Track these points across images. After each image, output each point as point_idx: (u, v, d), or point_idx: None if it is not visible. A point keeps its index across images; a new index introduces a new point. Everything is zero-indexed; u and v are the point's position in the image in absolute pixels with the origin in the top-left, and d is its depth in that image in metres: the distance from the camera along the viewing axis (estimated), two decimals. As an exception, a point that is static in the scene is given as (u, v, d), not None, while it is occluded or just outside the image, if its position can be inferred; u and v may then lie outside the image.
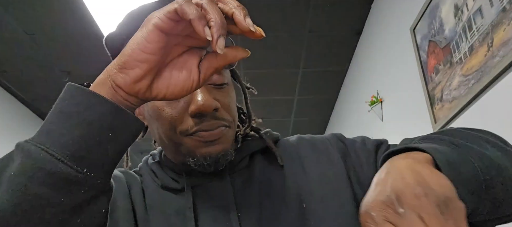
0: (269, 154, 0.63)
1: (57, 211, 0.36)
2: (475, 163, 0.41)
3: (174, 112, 0.53)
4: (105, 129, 0.38)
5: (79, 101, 0.38)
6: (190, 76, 0.42)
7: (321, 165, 0.61)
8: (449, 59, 1.54)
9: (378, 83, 2.51)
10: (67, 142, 0.37)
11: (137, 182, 0.61)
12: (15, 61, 3.06)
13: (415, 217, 0.32)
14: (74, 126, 0.37)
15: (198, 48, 0.43)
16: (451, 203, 0.34)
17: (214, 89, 0.55)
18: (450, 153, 0.42)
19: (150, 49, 0.38)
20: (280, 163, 0.61)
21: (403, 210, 0.33)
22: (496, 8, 1.24)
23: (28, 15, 2.56)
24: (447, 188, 0.35)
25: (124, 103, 0.41)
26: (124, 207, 0.56)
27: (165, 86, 0.41)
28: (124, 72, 0.39)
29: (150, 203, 0.58)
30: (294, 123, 4.32)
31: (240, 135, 0.65)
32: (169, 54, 0.41)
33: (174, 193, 0.59)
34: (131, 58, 0.38)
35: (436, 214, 0.33)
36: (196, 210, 0.56)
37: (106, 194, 0.41)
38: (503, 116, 1.24)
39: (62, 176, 0.36)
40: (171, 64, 0.42)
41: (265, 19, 2.68)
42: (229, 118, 0.56)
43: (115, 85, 0.40)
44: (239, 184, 0.59)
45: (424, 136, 0.51)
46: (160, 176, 0.61)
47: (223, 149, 0.55)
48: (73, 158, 0.37)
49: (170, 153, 0.60)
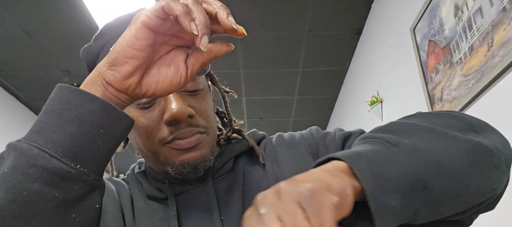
0: (254, 154, 0.64)
1: (52, 206, 0.37)
2: (408, 162, 0.39)
3: (149, 122, 0.53)
4: (96, 126, 0.39)
5: (69, 99, 0.39)
6: (178, 72, 0.43)
7: (295, 161, 0.61)
8: (449, 59, 1.54)
9: (378, 83, 2.51)
10: (59, 139, 0.37)
11: (125, 189, 0.62)
12: (15, 61, 3.05)
13: (273, 217, 0.32)
14: (65, 123, 0.38)
15: (184, 47, 0.44)
16: (316, 196, 0.33)
17: (189, 96, 0.55)
18: (378, 155, 0.39)
19: (139, 46, 0.39)
20: (262, 161, 0.61)
21: (264, 211, 0.33)
22: (496, 8, 1.24)
23: (28, 15, 2.56)
24: (316, 181, 0.34)
25: (115, 100, 0.42)
26: (113, 213, 0.57)
27: (154, 82, 0.42)
28: (113, 69, 0.40)
29: (138, 211, 0.59)
30: (294, 123, 4.32)
31: (222, 138, 0.65)
32: (157, 52, 0.42)
33: (158, 202, 0.59)
34: (120, 55, 0.39)
35: (294, 212, 0.32)
36: (180, 218, 0.57)
37: (99, 189, 0.41)
38: (503, 115, 1.24)
39: (56, 172, 0.36)
40: (159, 62, 0.43)
41: (265, 19, 2.68)
42: (205, 123, 0.56)
43: (105, 82, 0.41)
44: (223, 188, 0.59)
45: (363, 135, 0.48)
46: (145, 185, 0.61)
47: (201, 155, 0.55)
48: (66, 154, 0.37)
49: (151, 162, 0.60)
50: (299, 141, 0.64)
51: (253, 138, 0.66)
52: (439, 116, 0.49)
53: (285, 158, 0.62)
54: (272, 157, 0.63)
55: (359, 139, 0.48)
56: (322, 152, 0.61)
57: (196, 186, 0.59)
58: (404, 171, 0.38)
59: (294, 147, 0.64)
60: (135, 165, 0.68)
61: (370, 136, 0.45)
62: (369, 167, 0.37)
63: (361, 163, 0.37)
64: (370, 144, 0.43)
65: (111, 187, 0.61)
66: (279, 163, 0.62)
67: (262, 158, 0.62)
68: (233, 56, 3.03)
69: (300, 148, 0.63)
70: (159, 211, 0.58)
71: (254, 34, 2.83)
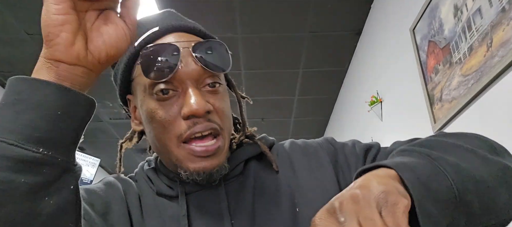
0: (264, 159, 0.64)
1: (21, 192, 0.37)
2: (449, 176, 0.41)
3: (166, 115, 0.54)
4: (53, 109, 0.39)
5: (21, 89, 0.39)
6: (118, 26, 0.43)
7: (312, 169, 0.61)
8: (449, 59, 1.55)
9: (378, 83, 2.52)
10: (17, 127, 0.37)
11: (133, 187, 0.62)
12: (18, 62, 3.06)
13: (354, 224, 0.32)
14: (20, 111, 0.38)
15: (109, 10, 0.44)
16: (390, 198, 0.34)
17: (208, 93, 0.55)
18: (421, 167, 0.41)
19: (63, 10, 0.39)
20: (275, 168, 0.62)
21: (343, 218, 0.33)
22: (495, 9, 1.25)
23: (30, 17, 2.56)
24: (387, 185, 0.35)
25: (71, 78, 0.41)
26: (120, 211, 0.57)
27: (101, 43, 0.43)
28: (54, 44, 0.40)
29: (146, 209, 0.59)
30: (294, 123, 4.32)
31: (235, 143, 0.66)
32: (87, 20, 0.43)
33: (169, 200, 0.59)
34: (51, 27, 0.39)
35: (372, 216, 0.33)
36: (190, 217, 0.57)
37: (72, 171, 0.41)
38: (503, 116, 1.24)
39: (19, 158, 0.37)
40: (95, 26, 0.43)
41: (266, 20, 2.69)
42: (221, 122, 0.56)
43: (53, 61, 0.40)
44: (233, 191, 0.59)
45: (401, 148, 0.50)
46: (156, 182, 0.61)
47: (218, 163, 0.55)
48: (26, 140, 0.37)
49: (164, 158, 0.60)
50: (316, 148, 0.65)
51: (265, 143, 0.66)
52: (466, 137, 0.52)
53: (301, 166, 0.62)
54: (286, 163, 0.63)
55: (399, 150, 0.49)
56: (342, 162, 0.62)
57: (206, 187, 0.59)
58: (445, 185, 0.40)
59: (310, 154, 0.64)
60: (144, 162, 0.67)
61: (411, 149, 0.47)
62: (416, 177, 0.39)
63: (409, 173, 0.39)
64: (413, 156, 0.44)
65: (118, 185, 0.61)
66: (295, 169, 0.62)
67: (276, 165, 0.62)
68: (234, 56, 3.01)
69: (319, 157, 0.63)
70: (169, 209, 0.58)
71: (255, 35, 2.84)
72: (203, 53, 0.54)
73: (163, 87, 0.53)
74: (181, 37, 0.56)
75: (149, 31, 0.56)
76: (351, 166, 0.61)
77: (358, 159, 0.61)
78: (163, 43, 0.53)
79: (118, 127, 4.21)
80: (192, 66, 0.53)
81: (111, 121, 4.14)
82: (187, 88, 0.53)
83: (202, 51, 0.54)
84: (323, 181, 0.60)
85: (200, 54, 0.53)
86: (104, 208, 0.56)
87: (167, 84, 0.53)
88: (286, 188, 0.60)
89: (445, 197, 0.39)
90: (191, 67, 0.53)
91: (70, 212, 0.41)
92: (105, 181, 0.62)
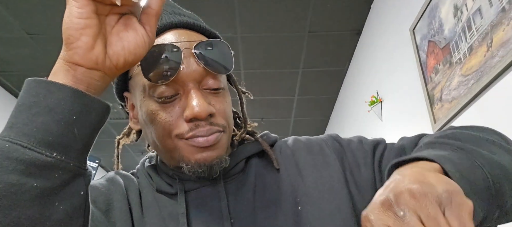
0: (266, 157, 0.63)
1: (31, 196, 0.36)
2: (484, 169, 0.40)
3: (168, 117, 0.53)
4: (68, 113, 0.39)
5: (37, 91, 0.39)
6: (138, 33, 0.43)
7: (317, 167, 0.60)
8: (449, 60, 1.55)
9: (377, 83, 2.52)
10: (31, 130, 0.37)
11: (134, 184, 0.61)
12: (17, 62, 3.06)
13: (415, 220, 0.31)
14: (35, 114, 0.38)
15: (130, 14, 0.44)
16: (456, 198, 0.32)
17: (210, 95, 0.54)
18: (458, 160, 0.40)
19: (85, 14, 0.39)
20: (276, 166, 0.61)
21: (402, 213, 0.31)
22: (495, 8, 1.25)
23: (30, 16, 2.56)
24: (451, 184, 0.33)
25: (88, 81, 0.41)
26: (121, 207, 0.56)
27: (120, 48, 0.42)
28: (74, 47, 0.40)
29: (146, 205, 0.58)
30: (294, 123, 4.32)
31: (236, 140, 0.65)
32: (107, 24, 0.43)
33: (168, 197, 0.59)
34: (72, 30, 0.39)
35: (436, 215, 0.31)
36: (189, 215, 0.56)
37: (83, 176, 0.41)
38: (503, 116, 1.24)
39: (32, 162, 0.36)
40: (115, 31, 0.43)
41: (265, 20, 2.69)
42: (224, 123, 0.55)
43: (71, 64, 0.40)
44: (233, 189, 0.59)
45: (428, 141, 0.48)
46: (155, 179, 0.61)
47: (218, 155, 0.54)
48: (40, 144, 0.37)
49: (164, 158, 0.60)
50: (321, 145, 0.64)
51: (267, 140, 0.65)
52: (482, 130, 0.53)
53: (306, 164, 0.61)
54: (289, 161, 0.62)
55: (428, 143, 0.48)
56: (350, 158, 0.61)
57: (206, 184, 0.58)
58: (482, 177, 0.40)
59: (315, 151, 0.63)
60: (145, 158, 0.67)
61: (442, 142, 0.47)
62: (458, 170, 0.39)
63: (451, 166, 0.39)
64: (446, 150, 0.44)
65: (119, 181, 0.60)
66: (300, 167, 0.61)
67: (277, 162, 0.61)
68: (234, 56, 3.03)
69: (325, 154, 0.62)
70: (168, 206, 0.58)
71: (254, 35, 2.84)
72: (205, 53, 0.53)
73: (165, 91, 0.52)
74: (182, 35, 0.55)
75: None
76: (359, 163, 0.60)
77: (366, 155, 0.60)
78: (164, 44, 0.52)
79: (118, 127, 4.21)
80: (193, 67, 0.52)
81: (111, 120, 4.14)
82: (189, 90, 0.52)
83: (204, 50, 0.53)
84: (330, 179, 0.59)
85: (202, 54, 0.52)
86: (106, 205, 0.56)
87: (168, 86, 0.52)
88: (288, 186, 0.59)
89: (482, 190, 0.39)
90: (192, 68, 0.52)
91: (79, 218, 0.41)
92: (107, 177, 0.62)
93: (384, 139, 0.63)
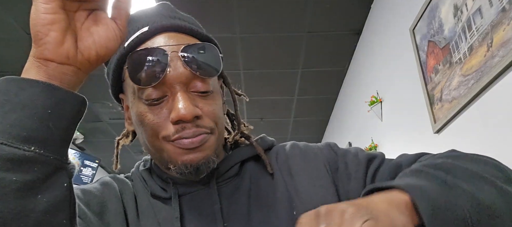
0: (261, 161, 0.63)
1: (12, 189, 0.36)
2: (465, 208, 0.39)
3: (156, 118, 0.53)
4: (41, 108, 0.39)
5: (8, 89, 0.39)
6: (109, 27, 0.43)
7: (310, 174, 0.60)
8: (449, 59, 1.55)
9: (377, 83, 2.51)
10: (5, 127, 0.37)
11: (129, 187, 0.61)
12: (17, 62, 3.06)
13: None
14: (8, 111, 0.38)
15: (99, 10, 0.44)
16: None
17: (198, 97, 0.54)
18: (438, 195, 0.39)
19: (51, 9, 0.39)
20: (270, 170, 0.61)
21: (324, 225, 0.32)
22: (495, 8, 1.24)
23: (27, 14, 2.55)
24: (382, 215, 0.33)
25: (60, 77, 0.41)
26: (116, 210, 0.56)
27: (91, 42, 0.42)
28: (42, 43, 0.40)
29: (142, 209, 0.58)
30: (293, 123, 4.32)
31: (229, 142, 0.65)
32: (77, 20, 0.42)
33: (162, 202, 0.59)
34: (40, 26, 0.40)
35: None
36: (183, 219, 0.56)
37: (64, 169, 0.41)
38: (503, 115, 1.24)
39: (9, 157, 0.36)
40: (85, 26, 0.43)
41: (265, 20, 2.69)
42: (212, 125, 0.55)
43: (42, 60, 0.40)
44: (227, 192, 0.59)
45: (416, 168, 0.47)
46: (149, 183, 0.61)
47: (204, 156, 0.54)
48: (16, 139, 0.37)
49: (155, 159, 0.60)
50: (316, 154, 0.63)
51: (262, 144, 0.65)
52: (483, 163, 0.48)
53: (299, 170, 0.61)
54: (284, 166, 0.62)
55: (412, 170, 0.47)
56: (342, 170, 0.60)
57: (200, 188, 0.59)
58: (461, 216, 0.38)
59: (310, 160, 0.63)
60: (140, 162, 0.67)
61: (426, 171, 0.44)
62: (431, 206, 0.37)
63: (425, 201, 0.37)
64: (428, 180, 0.42)
65: (114, 185, 0.61)
66: (293, 174, 0.61)
67: (270, 167, 0.61)
68: (233, 56, 3.03)
69: (317, 162, 0.62)
70: (163, 211, 0.58)
71: (254, 35, 2.84)
72: (192, 56, 0.53)
73: (152, 93, 0.52)
74: (171, 38, 0.55)
75: (138, 32, 0.55)
76: (350, 175, 0.59)
77: (359, 169, 0.59)
78: (151, 48, 0.52)
79: (118, 127, 4.20)
80: (180, 70, 0.52)
81: (110, 121, 4.13)
82: (176, 93, 0.52)
83: (191, 53, 0.53)
84: (321, 187, 0.59)
85: (189, 57, 0.52)
86: (100, 207, 0.56)
87: (156, 88, 0.52)
88: (283, 191, 0.59)
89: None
90: (179, 71, 0.52)
91: (64, 210, 0.40)
92: (101, 181, 0.62)
93: (383, 153, 0.62)
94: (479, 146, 1.36)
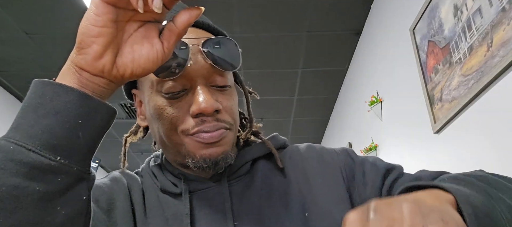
0: (273, 160, 0.63)
1: (33, 199, 0.36)
2: (505, 217, 0.38)
3: (175, 112, 0.53)
4: (73, 117, 0.38)
5: (44, 93, 0.39)
6: (153, 48, 0.42)
7: (326, 178, 0.60)
8: (449, 59, 1.55)
9: (377, 83, 2.51)
10: (36, 132, 0.37)
11: (138, 183, 0.61)
12: (16, 62, 3.06)
13: (384, 223, 0.29)
14: (41, 116, 0.38)
15: (154, 22, 0.43)
16: (445, 217, 0.30)
17: (217, 92, 0.54)
18: (480, 202, 0.38)
19: (101, 22, 0.38)
20: (280, 165, 0.60)
21: (373, 216, 0.30)
22: (495, 8, 1.24)
23: (29, 16, 2.56)
24: (442, 211, 0.31)
25: (92, 87, 0.41)
26: (123, 207, 0.56)
27: (130, 60, 0.41)
28: (83, 53, 0.39)
29: (150, 205, 0.58)
30: (293, 123, 4.32)
31: (241, 139, 0.64)
32: (125, 31, 0.42)
33: (172, 197, 0.59)
34: (85, 36, 0.39)
35: (411, 218, 0.29)
36: (193, 216, 0.56)
37: (86, 180, 0.41)
38: (503, 115, 1.24)
39: (35, 165, 0.36)
40: (131, 40, 0.42)
41: (265, 20, 2.69)
42: (230, 120, 0.56)
43: (78, 69, 0.40)
44: (238, 190, 0.58)
45: (453, 176, 0.46)
46: (160, 178, 0.60)
47: (223, 151, 0.55)
48: (44, 147, 0.37)
49: (170, 154, 0.60)
50: (333, 159, 0.63)
51: (274, 143, 0.65)
52: (505, 178, 0.48)
53: (315, 173, 0.61)
54: (298, 167, 0.62)
55: (452, 177, 0.46)
56: (359, 178, 0.60)
57: (211, 186, 0.58)
58: (500, 222, 0.38)
59: (326, 164, 0.62)
60: (151, 158, 0.67)
61: (468, 180, 0.43)
62: (472, 210, 0.36)
63: (468, 206, 0.36)
64: (470, 188, 0.41)
65: (123, 180, 0.60)
66: (308, 176, 0.60)
67: (280, 162, 0.61)
68: (233, 56, 3.02)
69: (334, 168, 0.61)
70: (172, 206, 0.57)
71: (253, 34, 2.84)
72: (213, 50, 0.53)
73: (172, 86, 0.52)
74: (191, 32, 0.55)
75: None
76: (367, 184, 0.58)
77: (376, 178, 0.58)
78: None
79: (117, 127, 4.20)
80: (201, 63, 0.52)
81: (110, 120, 4.13)
82: (196, 86, 0.52)
83: (212, 47, 0.53)
84: (335, 192, 0.58)
85: (210, 51, 0.53)
86: (108, 204, 0.56)
87: (176, 81, 0.52)
88: (296, 191, 0.58)
89: None
90: (200, 64, 0.52)
91: (79, 223, 0.40)
92: (110, 176, 0.62)
93: (401, 166, 0.61)
94: (479, 146, 1.36)
